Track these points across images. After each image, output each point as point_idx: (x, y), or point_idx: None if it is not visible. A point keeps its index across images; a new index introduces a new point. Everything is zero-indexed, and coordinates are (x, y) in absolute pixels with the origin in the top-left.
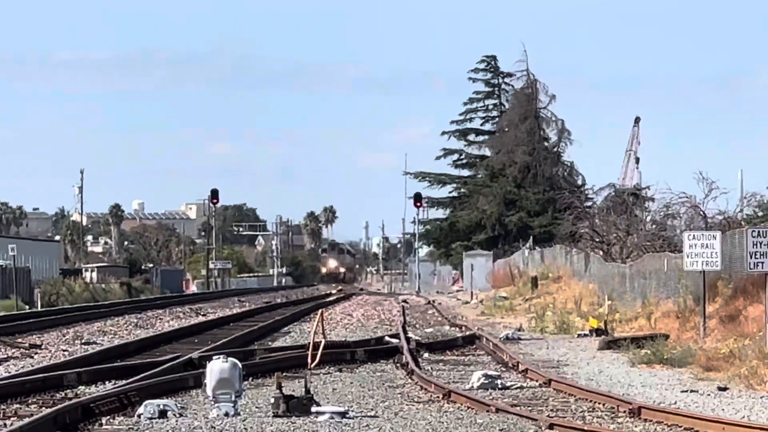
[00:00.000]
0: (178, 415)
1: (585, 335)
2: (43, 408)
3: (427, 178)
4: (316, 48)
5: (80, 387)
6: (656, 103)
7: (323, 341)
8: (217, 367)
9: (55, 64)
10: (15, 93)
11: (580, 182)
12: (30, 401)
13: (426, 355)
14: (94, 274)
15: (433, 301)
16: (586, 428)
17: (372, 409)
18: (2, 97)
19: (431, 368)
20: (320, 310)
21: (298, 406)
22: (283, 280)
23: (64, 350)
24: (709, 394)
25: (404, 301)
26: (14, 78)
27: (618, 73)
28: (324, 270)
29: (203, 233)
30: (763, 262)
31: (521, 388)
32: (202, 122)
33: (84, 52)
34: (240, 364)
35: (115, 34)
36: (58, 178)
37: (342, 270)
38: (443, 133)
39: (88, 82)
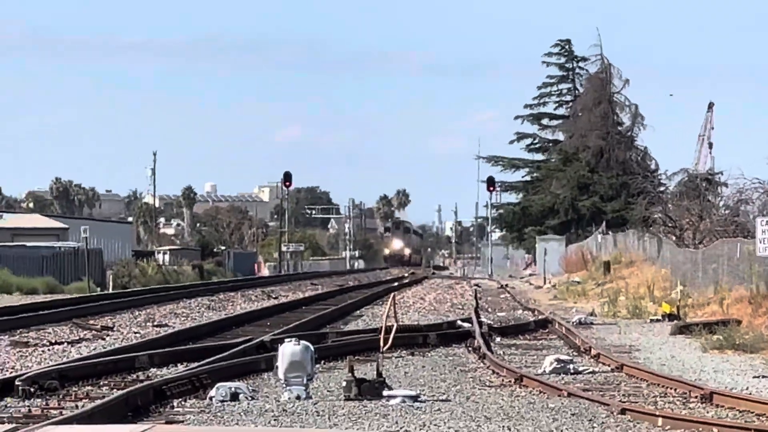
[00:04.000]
0: (249, 398)
1: (657, 320)
2: (115, 390)
3: (500, 163)
4: (385, 33)
5: (152, 369)
6: (730, 87)
7: (395, 325)
8: (288, 350)
9: (124, 47)
10: (88, 76)
11: (653, 167)
12: (101, 383)
13: (498, 339)
14: (167, 257)
15: (506, 286)
16: (658, 413)
17: (444, 393)
18: (75, 80)
19: (503, 352)
20: (392, 294)
21: (370, 390)
22: (356, 263)
23: (135, 332)
24: None
25: (477, 285)
26: (86, 62)
27: (692, 58)
28: (387, 251)
29: (276, 216)
30: None
31: (593, 372)
32: (273, 106)
33: (152, 36)
34: (312, 348)
35: (185, 19)
36: (131, 161)
37: (408, 252)
38: (516, 117)
39: (160, 66)
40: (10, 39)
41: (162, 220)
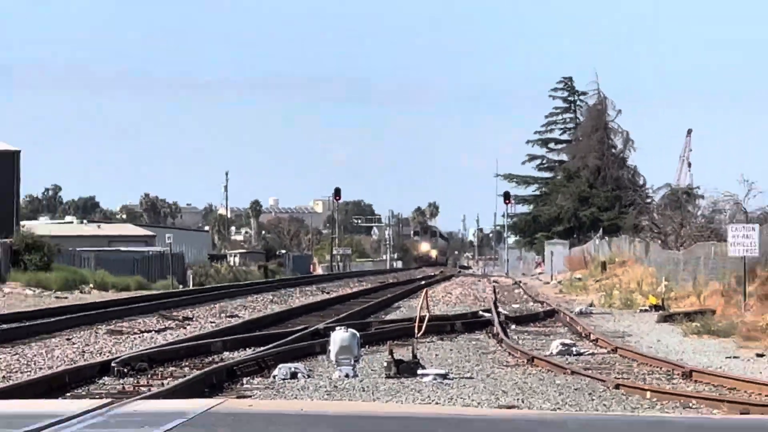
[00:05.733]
0: (306, 377)
1: (645, 310)
2: (194, 370)
3: (515, 180)
4: (421, 67)
5: (225, 353)
6: (708, 113)
7: (427, 315)
8: (339, 336)
9: (205, 84)
10: (173, 109)
11: (641, 182)
12: (183, 365)
13: (513, 326)
14: (237, 259)
15: (519, 282)
16: (646, 388)
17: (468, 372)
18: (163, 111)
19: (517, 337)
20: (425, 289)
21: (407, 369)
22: (394, 264)
23: (211, 322)
24: (748, 360)
25: (495, 282)
26: (172, 96)
27: (677, 86)
28: (416, 253)
29: (328, 225)
30: None
31: (592, 354)
32: (328, 132)
33: (228, 75)
34: (358, 334)
35: (256, 60)
36: (207, 178)
37: (434, 253)
38: (528, 141)
39: (234, 99)
40: (109, 79)
41: (233, 228)
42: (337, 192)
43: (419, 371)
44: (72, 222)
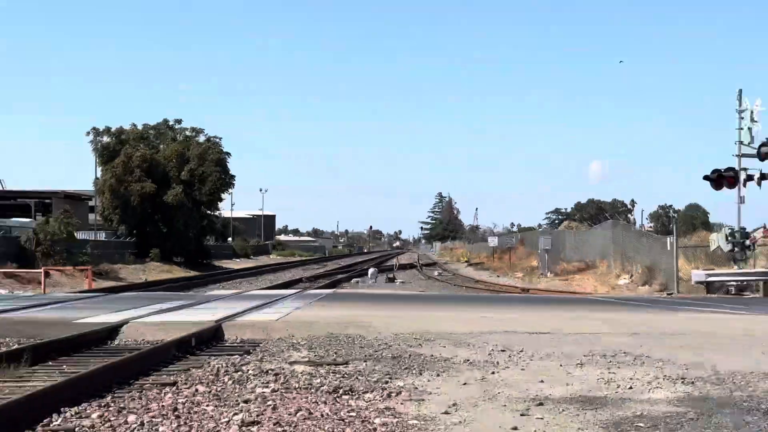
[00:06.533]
0: (361, 282)
1: (464, 263)
2: (327, 280)
3: (422, 223)
4: (393, 173)
5: (337, 276)
6: (484, 198)
7: (398, 263)
8: (371, 270)
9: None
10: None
11: (464, 224)
12: (326, 279)
13: (423, 267)
14: (341, 246)
15: (426, 254)
16: (463, 286)
17: (410, 281)
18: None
19: (425, 271)
20: (398, 256)
21: (391, 280)
22: (388, 249)
23: (332, 266)
24: (497, 278)
25: (419, 255)
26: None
27: (480, 189)
28: (394, 245)
29: (368, 237)
30: (508, 243)
31: (448, 276)
32: (362, 201)
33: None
34: (377, 268)
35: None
36: (333, 215)
37: (400, 246)
38: (427, 212)
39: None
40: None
41: (340, 237)
42: (371, 227)
43: (396, 281)
44: (291, 235)
